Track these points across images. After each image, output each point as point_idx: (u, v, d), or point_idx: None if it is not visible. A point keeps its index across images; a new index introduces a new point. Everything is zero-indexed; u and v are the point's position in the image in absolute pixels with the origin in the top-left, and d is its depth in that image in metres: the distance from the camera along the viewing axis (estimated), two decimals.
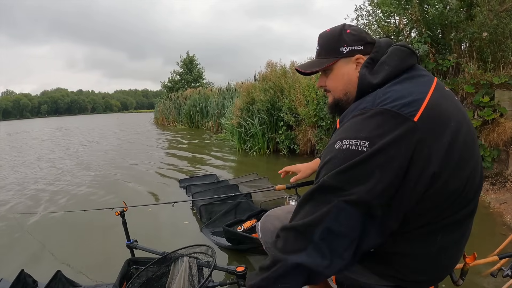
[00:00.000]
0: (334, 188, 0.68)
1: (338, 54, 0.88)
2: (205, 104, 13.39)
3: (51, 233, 2.99)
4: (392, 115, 0.68)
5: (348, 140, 0.70)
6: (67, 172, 5.89)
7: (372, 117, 0.71)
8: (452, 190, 0.71)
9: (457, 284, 0.95)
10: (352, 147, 0.69)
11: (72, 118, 58.57)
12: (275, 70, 6.65)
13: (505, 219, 2.66)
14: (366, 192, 0.66)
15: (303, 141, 5.72)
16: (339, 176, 0.68)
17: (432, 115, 0.69)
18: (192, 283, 1.43)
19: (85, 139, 12.81)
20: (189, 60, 22.30)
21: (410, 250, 0.77)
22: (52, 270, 1.78)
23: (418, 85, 0.75)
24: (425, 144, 0.67)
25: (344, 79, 0.89)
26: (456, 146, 0.70)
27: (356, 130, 0.71)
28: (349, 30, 0.88)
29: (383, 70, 0.79)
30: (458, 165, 0.71)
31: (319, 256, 0.68)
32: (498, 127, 3.25)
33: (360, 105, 0.77)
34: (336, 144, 0.73)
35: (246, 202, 3.06)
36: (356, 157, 0.67)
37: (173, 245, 1.74)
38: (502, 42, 3.54)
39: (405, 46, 0.83)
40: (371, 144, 0.67)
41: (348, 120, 0.76)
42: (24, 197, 4.31)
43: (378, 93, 0.75)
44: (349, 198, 0.66)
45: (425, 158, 0.67)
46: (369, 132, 0.69)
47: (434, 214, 0.73)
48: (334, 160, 0.71)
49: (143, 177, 5.07)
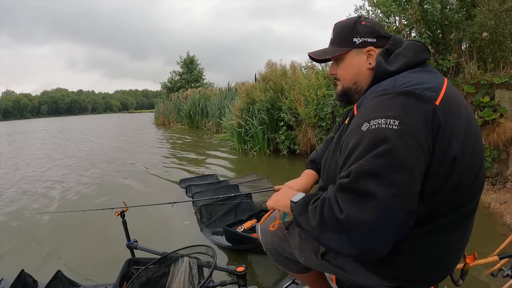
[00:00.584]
0: (375, 175, 0.63)
1: (351, 44, 0.89)
2: (205, 104, 13.39)
3: (52, 233, 2.99)
4: (417, 96, 0.69)
5: (377, 120, 0.68)
6: (67, 172, 5.89)
7: (396, 96, 0.71)
8: (463, 182, 0.72)
9: (457, 284, 0.95)
10: (382, 126, 0.67)
11: (73, 118, 58.56)
12: (275, 70, 6.65)
13: (505, 219, 2.66)
14: (407, 178, 0.63)
15: (303, 141, 5.72)
16: (377, 160, 0.64)
17: (450, 102, 0.71)
18: (192, 283, 1.43)
19: (86, 139, 12.80)
20: (189, 60, 22.30)
21: (412, 249, 0.77)
22: (52, 270, 1.78)
23: (434, 76, 0.78)
24: (447, 127, 0.68)
25: (354, 69, 0.89)
26: (471, 135, 0.73)
27: (382, 109, 0.70)
28: (364, 22, 0.90)
29: (399, 60, 0.81)
30: (472, 155, 0.73)
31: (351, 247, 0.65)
32: (498, 127, 3.25)
33: (378, 88, 0.78)
34: (363, 125, 0.70)
35: (246, 202, 3.06)
36: (388, 136, 0.65)
37: (173, 245, 1.75)
38: (502, 42, 3.53)
39: (419, 41, 0.86)
40: (401, 123, 0.66)
41: (369, 101, 0.76)
42: (24, 197, 4.31)
43: (398, 78, 0.76)
44: (393, 190, 0.62)
45: (447, 140, 0.68)
46: (396, 111, 0.68)
47: (442, 210, 0.73)
48: (367, 142, 0.67)
49: (143, 178, 5.07)
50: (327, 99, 5.16)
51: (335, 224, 0.66)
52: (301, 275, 1.19)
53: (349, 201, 0.65)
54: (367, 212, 0.62)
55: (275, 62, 6.82)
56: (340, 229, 0.65)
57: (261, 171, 4.90)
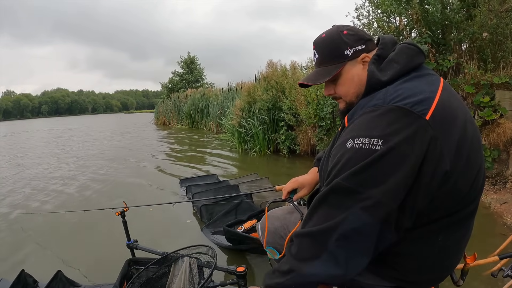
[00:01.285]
0: (349, 191, 0.66)
1: (343, 58, 0.84)
2: (205, 105, 13.39)
3: (52, 233, 2.99)
4: (405, 112, 0.67)
5: (361, 138, 0.69)
6: (67, 172, 5.89)
7: (384, 114, 0.69)
8: (460, 189, 0.71)
9: (458, 284, 0.95)
10: (365, 146, 0.67)
11: (73, 118, 58.59)
12: (276, 70, 6.65)
13: (506, 220, 2.66)
14: (382, 194, 0.65)
15: (303, 141, 5.72)
16: (353, 177, 0.67)
17: (442, 114, 0.69)
18: (193, 283, 1.43)
19: (86, 139, 12.81)
20: (190, 60, 22.32)
21: (412, 250, 0.76)
22: (52, 270, 1.78)
23: (427, 83, 0.74)
24: (438, 142, 0.66)
25: (354, 81, 0.85)
26: (465, 145, 0.70)
27: (368, 128, 0.70)
28: (345, 31, 0.85)
29: (392, 68, 0.78)
30: (466, 164, 0.71)
31: (334, 265, 0.67)
32: (498, 127, 3.25)
33: (370, 102, 0.76)
34: (348, 142, 0.71)
35: (246, 202, 3.06)
36: (369, 156, 0.66)
37: (173, 245, 1.74)
38: (502, 42, 3.53)
39: (413, 44, 0.82)
40: (385, 142, 0.66)
41: (359, 117, 0.75)
42: (24, 197, 4.32)
43: (389, 90, 0.74)
44: (365, 204, 0.65)
45: (438, 156, 0.66)
46: (382, 130, 0.67)
47: (439, 214, 0.73)
48: (347, 160, 0.69)
49: (143, 177, 5.07)
50: (327, 99, 5.16)
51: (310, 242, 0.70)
52: None
53: (324, 213, 0.70)
54: (339, 221, 0.67)
55: (276, 62, 6.84)
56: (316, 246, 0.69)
57: (262, 171, 4.90)
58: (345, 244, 0.66)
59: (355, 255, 0.68)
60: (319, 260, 0.68)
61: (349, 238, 0.66)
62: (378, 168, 0.65)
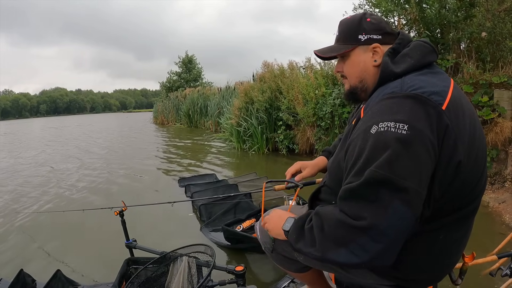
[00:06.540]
0: (384, 181, 0.64)
1: (356, 41, 0.87)
2: (204, 104, 13.36)
3: (51, 232, 2.99)
4: (424, 100, 0.69)
5: (386, 122, 0.68)
6: (66, 171, 5.88)
7: (404, 99, 0.70)
8: (469, 182, 0.73)
9: (456, 283, 0.95)
10: (391, 129, 0.66)
11: (71, 118, 58.41)
12: (272, 70, 6.62)
13: (504, 219, 2.67)
14: (418, 184, 0.64)
15: (302, 140, 5.72)
16: (387, 165, 0.64)
17: (455, 107, 0.71)
18: (191, 283, 1.43)
19: (84, 139, 12.77)
20: (188, 59, 22.28)
21: (412, 248, 0.76)
22: (51, 270, 1.77)
23: (440, 80, 0.77)
24: (453, 132, 0.68)
25: (360, 66, 0.88)
26: (475, 140, 0.73)
27: (391, 112, 0.69)
28: (369, 19, 0.88)
29: (406, 62, 0.80)
30: (476, 158, 0.73)
31: (357, 256, 0.65)
32: (496, 126, 3.25)
33: (385, 90, 0.77)
34: (372, 128, 0.69)
35: (245, 201, 3.06)
36: (397, 141, 0.65)
37: (172, 245, 1.74)
38: (500, 42, 3.54)
39: (427, 42, 0.84)
40: (410, 127, 0.65)
41: (377, 104, 0.75)
42: (24, 197, 4.31)
43: (405, 80, 0.75)
44: (403, 196, 0.63)
45: (453, 145, 0.68)
46: (405, 115, 0.67)
47: (447, 208, 0.74)
48: (374, 145, 0.67)
49: (142, 177, 5.06)
50: (326, 98, 5.15)
51: (343, 232, 0.67)
52: (300, 274, 1.19)
53: (359, 206, 0.66)
54: (377, 217, 0.63)
55: (271, 63, 6.80)
56: (346, 238, 0.66)
57: (260, 170, 4.90)
58: (379, 238, 0.63)
59: (384, 251, 0.64)
60: (346, 249, 0.66)
61: (385, 234, 0.63)
62: (410, 155, 0.65)
